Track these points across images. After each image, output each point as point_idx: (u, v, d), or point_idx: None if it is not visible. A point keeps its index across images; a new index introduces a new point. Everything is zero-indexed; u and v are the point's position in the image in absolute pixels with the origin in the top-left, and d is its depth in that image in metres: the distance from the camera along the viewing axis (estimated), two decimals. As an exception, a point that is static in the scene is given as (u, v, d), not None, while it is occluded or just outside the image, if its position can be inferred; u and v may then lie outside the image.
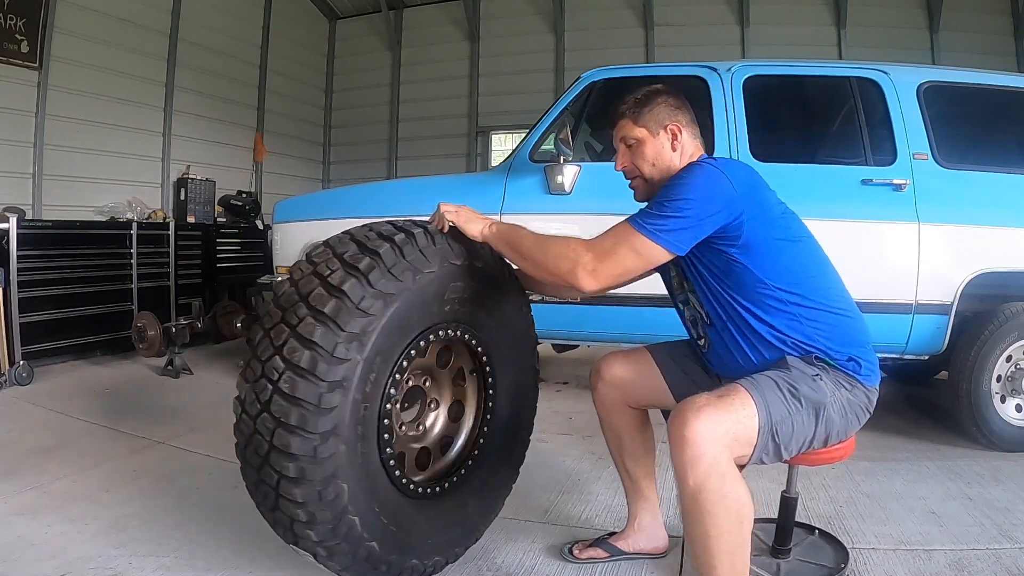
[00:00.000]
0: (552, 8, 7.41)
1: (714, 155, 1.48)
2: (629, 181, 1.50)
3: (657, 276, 1.55)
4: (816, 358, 1.30)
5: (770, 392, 1.21)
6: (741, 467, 1.19)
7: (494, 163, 7.44)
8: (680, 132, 1.42)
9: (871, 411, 1.36)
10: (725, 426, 1.13)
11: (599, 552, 1.65)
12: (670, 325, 1.75)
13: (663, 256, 1.28)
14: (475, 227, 1.42)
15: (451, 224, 1.41)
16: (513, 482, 1.73)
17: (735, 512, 1.10)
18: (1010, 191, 2.61)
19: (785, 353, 1.31)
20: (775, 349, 1.32)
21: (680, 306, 1.54)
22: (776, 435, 1.19)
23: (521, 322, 1.67)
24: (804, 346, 1.31)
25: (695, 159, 1.42)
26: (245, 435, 1.27)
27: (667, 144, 1.42)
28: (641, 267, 1.30)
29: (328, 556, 1.29)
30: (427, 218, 1.46)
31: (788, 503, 1.58)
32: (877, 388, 1.37)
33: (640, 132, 1.43)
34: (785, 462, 1.30)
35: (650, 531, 1.66)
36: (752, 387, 1.21)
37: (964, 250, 2.57)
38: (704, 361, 1.51)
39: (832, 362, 1.31)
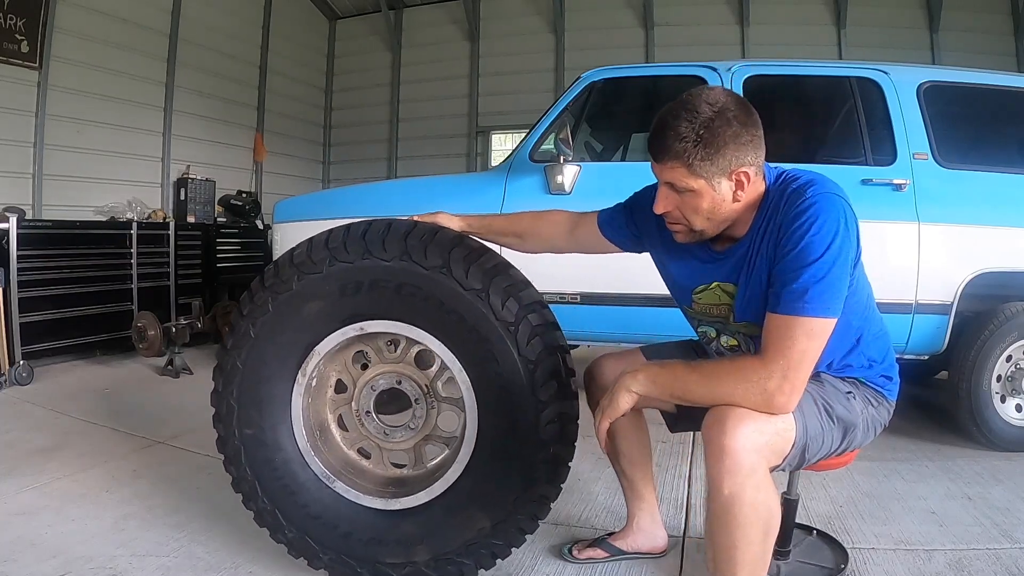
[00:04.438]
0: (552, 8, 7.41)
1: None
2: (668, 221, 1.23)
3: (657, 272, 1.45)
4: (849, 377, 1.28)
5: (808, 408, 1.16)
6: None
7: (494, 163, 7.43)
8: (748, 180, 1.14)
9: (887, 425, 1.35)
10: (766, 437, 1.07)
11: (599, 552, 1.65)
12: (670, 325, 1.74)
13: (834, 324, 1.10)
14: (625, 404, 1.17)
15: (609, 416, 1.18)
16: None
17: (764, 523, 1.07)
18: (1010, 191, 2.60)
19: (822, 372, 1.26)
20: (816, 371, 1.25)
21: (713, 338, 1.37)
22: (807, 450, 1.17)
23: None
24: (847, 369, 1.28)
25: (763, 187, 1.18)
26: None
27: (729, 195, 1.14)
28: (822, 348, 1.11)
29: None
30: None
31: (789, 505, 1.58)
32: (895, 403, 1.35)
33: (696, 183, 1.12)
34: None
35: (649, 531, 1.66)
36: None
37: (964, 250, 2.56)
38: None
39: (865, 380, 1.29)
